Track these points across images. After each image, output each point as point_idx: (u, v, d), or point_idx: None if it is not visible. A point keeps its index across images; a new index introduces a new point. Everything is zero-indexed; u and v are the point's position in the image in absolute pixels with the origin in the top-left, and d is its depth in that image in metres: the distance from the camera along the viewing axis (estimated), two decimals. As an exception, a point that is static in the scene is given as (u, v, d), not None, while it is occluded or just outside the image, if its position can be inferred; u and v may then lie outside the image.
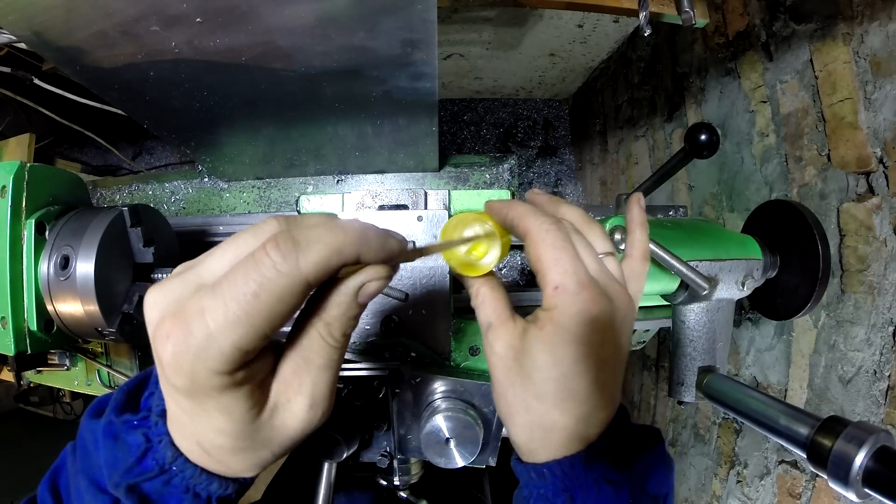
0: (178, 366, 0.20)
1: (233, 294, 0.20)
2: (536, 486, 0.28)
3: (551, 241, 0.27)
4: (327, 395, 0.25)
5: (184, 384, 0.21)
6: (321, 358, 0.24)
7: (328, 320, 0.23)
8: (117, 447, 0.25)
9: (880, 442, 0.34)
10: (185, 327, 0.20)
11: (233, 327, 0.19)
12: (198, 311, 0.20)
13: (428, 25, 0.38)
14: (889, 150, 0.71)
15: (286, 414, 0.24)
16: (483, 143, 2.18)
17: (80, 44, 0.39)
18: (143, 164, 1.82)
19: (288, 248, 0.20)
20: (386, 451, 0.54)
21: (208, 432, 0.23)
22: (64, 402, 1.80)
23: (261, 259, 0.20)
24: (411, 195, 0.63)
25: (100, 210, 0.47)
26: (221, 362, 0.20)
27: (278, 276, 0.20)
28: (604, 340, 0.27)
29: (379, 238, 0.23)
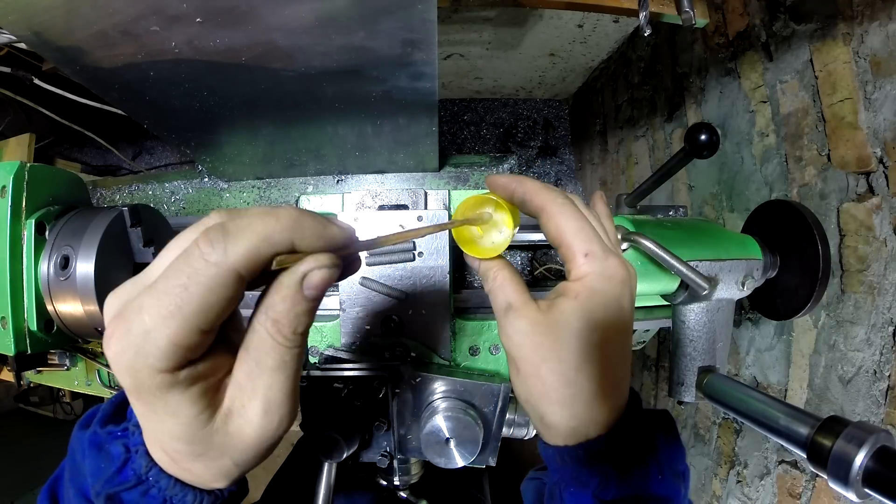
0: (120, 364, 0.20)
1: (165, 288, 0.19)
2: (571, 470, 0.28)
3: (571, 213, 0.28)
4: (283, 400, 0.23)
5: (129, 384, 0.21)
6: (272, 359, 0.22)
7: (275, 317, 0.22)
8: (101, 457, 0.25)
9: (880, 442, 0.34)
10: (125, 325, 0.20)
11: (166, 322, 0.19)
12: (136, 308, 0.20)
13: (428, 25, 0.38)
14: (889, 150, 0.71)
15: (240, 420, 0.22)
16: (483, 143, 2.18)
17: (80, 44, 0.39)
18: (143, 164, 1.82)
19: (216, 238, 0.19)
20: (386, 451, 0.54)
21: (163, 436, 0.22)
22: (64, 402, 1.80)
23: (191, 251, 0.20)
24: (411, 195, 0.63)
25: (100, 210, 0.47)
26: (159, 359, 0.20)
27: (206, 266, 0.19)
28: (629, 305, 0.28)
29: (316, 225, 0.22)
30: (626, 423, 0.28)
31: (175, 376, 0.20)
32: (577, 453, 0.28)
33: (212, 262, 0.19)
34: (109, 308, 0.22)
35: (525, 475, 0.59)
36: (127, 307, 0.20)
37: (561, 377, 0.27)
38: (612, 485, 0.27)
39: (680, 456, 0.30)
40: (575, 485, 0.28)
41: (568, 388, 0.27)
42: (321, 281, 0.22)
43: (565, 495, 0.29)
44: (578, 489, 0.28)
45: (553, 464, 0.30)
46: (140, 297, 0.20)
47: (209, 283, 0.19)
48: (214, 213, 0.22)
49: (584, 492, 0.28)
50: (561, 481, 0.29)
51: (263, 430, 0.23)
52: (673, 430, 0.31)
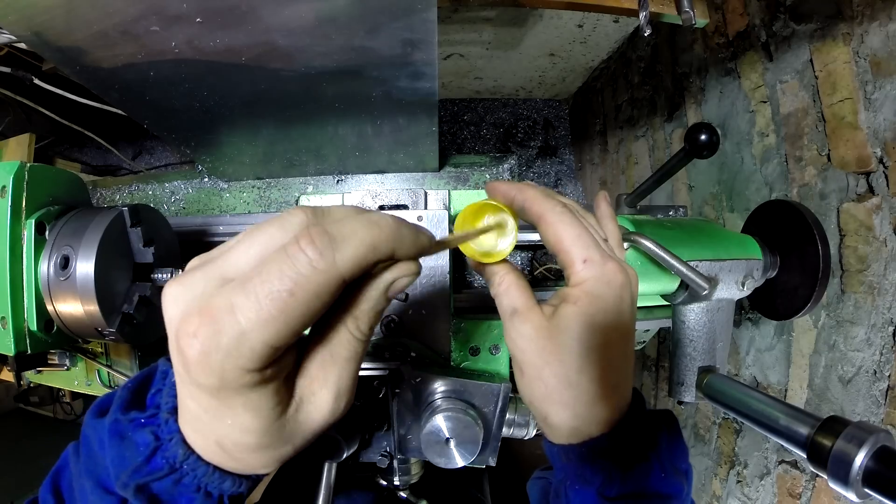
0: (207, 364, 0.19)
1: (267, 291, 0.19)
2: (575, 468, 0.29)
3: (569, 220, 0.28)
4: (351, 386, 0.25)
5: (212, 383, 0.20)
6: (347, 351, 0.24)
7: (357, 315, 0.23)
8: (124, 446, 0.24)
9: (880, 442, 0.34)
10: (215, 325, 0.19)
11: (266, 325, 0.19)
12: (227, 307, 0.19)
13: (428, 25, 0.38)
14: (889, 150, 0.71)
15: (311, 407, 0.23)
16: (483, 143, 2.18)
17: (80, 44, 0.39)
18: (143, 164, 1.82)
19: (324, 244, 0.19)
20: (386, 451, 0.54)
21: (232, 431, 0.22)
22: (64, 402, 1.80)
23: (295, 255, 0.19)
24: (411, 195, 0.63)
25: (100, 210, 0.47)
26: (253, 360, 0.19)
27: (315, 273, 0.19)
28: (630, 308, 0.28)
29: (412, 234, 0.23)
30: (628, 421, 0.29)
31: (263, 374, 0.21)
32: (581, 451, 0.28)
33: (321, 269, 0.19)
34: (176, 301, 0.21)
35: (525, 475, 0.59)
36: (211, 304, 0.19)
37: (563, 380, 0.27)
38: (615, 482, 0.28)
39: (683, 454, 0.31)
40: (579, 482, 0.29)
41: (569, 390, 0.27)
42: (407, 286, 0.24)
43: (570, 493, 0.29)
44: (583, 486, 0.28)
45: (557, 462, 0.30)
46: (230, 295, 0.19)
47: (317, 289, 0.19)
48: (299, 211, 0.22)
49: (589, 489, 0.28)
50: (566, 479, 0.29)
51: (332, 414, 0.24)
52: (676, 429, 0.31)
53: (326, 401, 0.24)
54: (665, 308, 0.64)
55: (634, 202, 0.66)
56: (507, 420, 0.53)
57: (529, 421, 0.55)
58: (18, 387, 1.55)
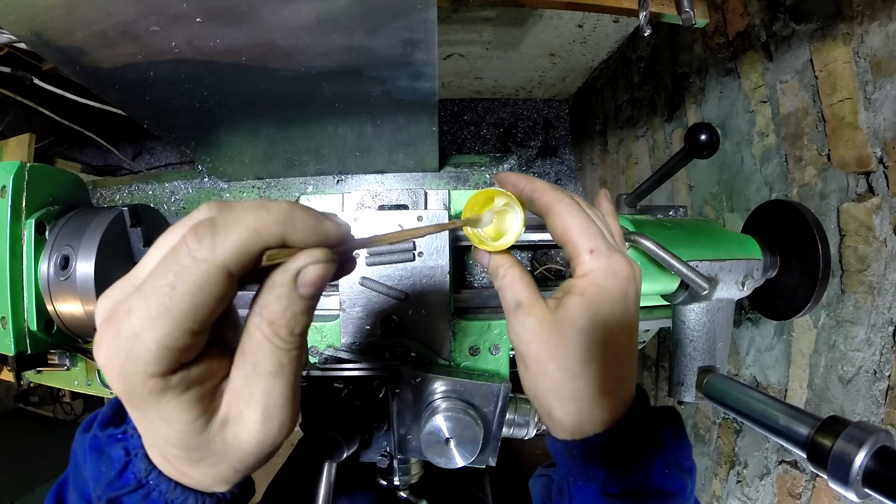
0: (112, 370, 0.19)
1: (152, 288, 0.18)
2: (578, 464, 0.29)
3: (576, 212, 0.28)
4: (283, 405, 0.22)
5: (121, 389, 0.20)
6: (269, 363, 0.21)
7: (270, 318, 0.21)
8: (101, 461, 0.25)
9: (880, 442, 0.34)
10: (115, 329, 0.19)
11: (155, 323, 0.18)
12: (125, 310, 0.19)
13: (428, 25, 0.38)
14: (889, 150, 0.71)
15: (237, 427, 0.22)
16: (483, 143, 2.18)
17: (80, 44, 0.39)
18: (143, 164, 1.82)
19: (204, 234, 0.19)
20: (386, 451, 0.54)
21: (159, 441, 0.22)
22: (64, 402, 1.80)
23: (178, 248, 0.19)
24: (411, 195, 0.63)
25: (100, 210, 0.47)
26: (149, 363, 0.19)
27: (194, 263, 0.18)
28: (634, 302, 0.28)
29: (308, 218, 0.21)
30: (632, 417, 0.29)
31: (167, 381, 0.20)
32: (584, 447, 0.28)
33: (199, 258, 0.18)
34: (100, 310, 0.20)
35: (526, 475, 0.59)
36: (116, 309, 0.19)
37: (567, 373, 0.27)
38: (618, 479, 0.27)
39: (686, 452, 0.30)
40: (582, 479, 0.28)
41: (574, 384, 0.27)
42: (316, 277, 0.21)
43: (573, 489, 0.29)
44: (586, 483, 0.28)
45: (560, 458, 0.30)
46: (128, 299, 0.19)
47: (198, 280, 0.18)
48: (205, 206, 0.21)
49: (591, 486, 0.28)
50: (569, 475, 0.29)
51: (263, 437, 0.22)
52: (679, 426, 0.31)
53: (254, 420, 0.21)
54: (665, 308, 0.64)
55: (634, 202, 0.66)
56: (507, 420, 0.53)
57: (529, 421, 0.55)
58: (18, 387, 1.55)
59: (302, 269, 0.20)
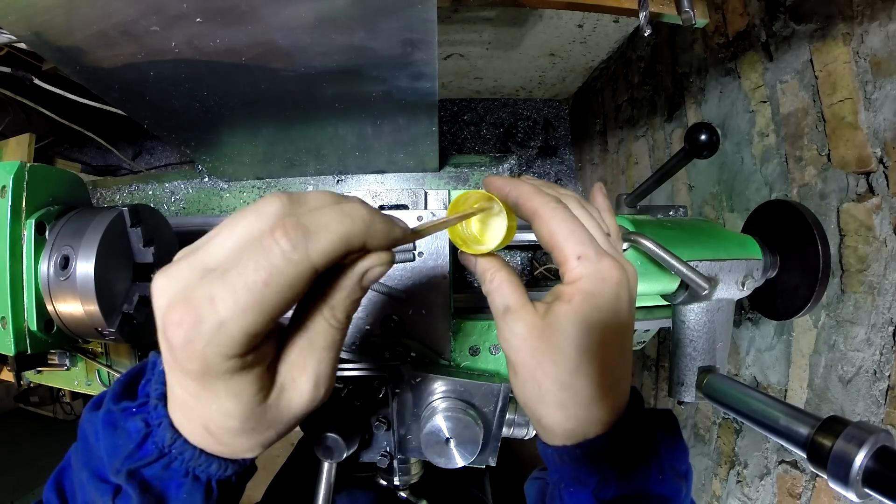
0: (191, 351, 0.20)
1: (243, 282, 0.20)
2: (570, 469, 0.28)
3: (563, 217, 0.28)
4: (329, 374, 0.25)
5: (196, 368, 0.21)
6: (325, 340, 0.24)
7: (332, 304, 0.24)
8: (117, 435, 0.25)
9: (880, 442, 0.34)
10: (196, 314, 0.20)
11: (243, 314, 0.20)
12: (207, 298, 0.20)
13: (428, 25, 0.38)
14: (889, 150, 0.71)
15: (292, 394, 0.24)
16: (483, 143, 2.18)
17: (80, 44, 0.39)
18: (143, 164, 1.82)
19: (298, 236, 0.20)
20: (386, 451, 0.54)
21: (217, 415, 0.23)
22: (64, 402, 1.80)
23: (270, 247, 0.20)
24: (411, 195, 0.63)
25: (100, 210, 0.47)
26: (233, 347, 0.20)
27: (289, 264, 0.20)
28: (627, 306, 0.28)
29: (384, 226, 0.23)
30: (625, 422, 0.28)
31: (245, 360, 0.21)
32: (576, 453, 0.28)
33: (295, 260, 0.20)
34: (162, 292, 0.21)
35: (525, 474, 0.59)
36: (193, 295, 0.20)
37: (556, 381, 0.27)
38: (611, 484, 0.27)
39: (682, 456, 0.30)
40: (574, 484, 0.28)
41: (563, 392, 0.27)
42: (379, 275, 0.24)
43: (565, 495, 0.29)
44: (578, 489, 0.28)
45: (552, 464, 0.29)
46: (209, 287, 0.20)
47: (291, 280, 0.20)
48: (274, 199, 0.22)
49: (584, 491, 0.28)
50: (561, 481, 0.29)
51: (311, 401, 0.25)
52: (675, 429, 0.31)
53: (307, 387, 0.24)
54: (665, 308, 0.64)
55: (634, 202, 0.66)
56: (507, 420, 0.53)
57: (529, 421, 0.55)
58: (18, 387, 1.55)
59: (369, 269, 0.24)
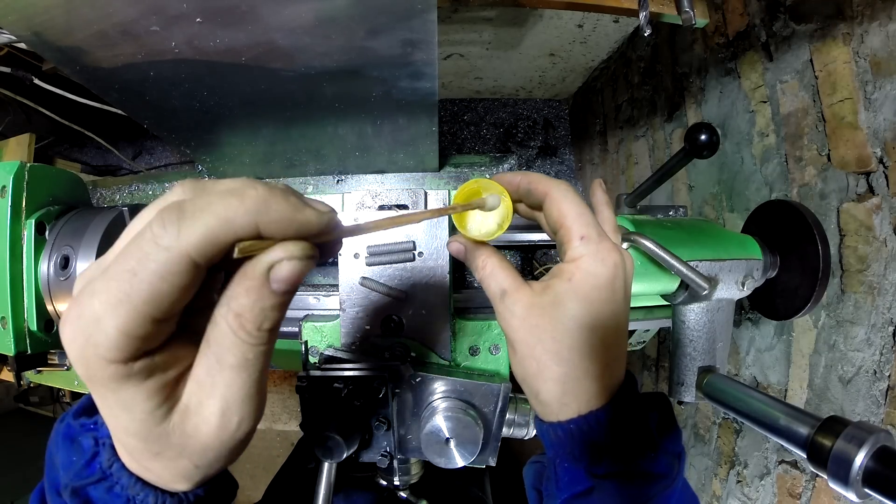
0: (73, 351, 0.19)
1: (115, 273, 0.18)
2: (563, 445, 0.29)
3: (573, 199, 0.29)
4: (243, 400, 0.21)
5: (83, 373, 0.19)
6: (233, 356, 0.20)
7: (238, 310, 0.20)
8: (73, 449, 0.24)
9: (880, 442, 0.34)
10: (78, 309, 0.18)
11: (115, 309, 0.18)
12: (89, 293, 0.18)
13: (428, 25, 0.38)
14: (889, 150, 0.71)
15: (197, 419, 0.21)
16: (483, 143, 2.18)
17: (80, 44, 0.39)
18: (143, 164, 1.82)
19: (170, 220, 0.18)
20: (386, 451, 0.54)
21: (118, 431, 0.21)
22: (64, 402, 1.80)
23: (143, 233, 0.18)
24: (411, 195, 0.63)
25: (100, 210, 0.47)
26: (109, 349, 0.18)
27: (156, 250, 0.17)
28: (623, 289, 0.29)
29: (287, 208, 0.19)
30: (619, 401, 0.29)
31: (128, 368, 0.19)
32: (570, 429, 0.28)
33: (163, 245, 0.17)
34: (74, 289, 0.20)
35: (525, 475, 0.59)
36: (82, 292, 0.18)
37: (554, 356, 0.28)
38: (603, 460, 0.28)
39: (674, 437, 0.31)
40: (569, 459, 0.29)
41: (561, 367, 0.28)
42: (290, 274, 0.19)
43: (559, 470, 0.30)
44: (572, 464, 0.29)
45: (548, 439, 0.30)
46: (94, 281, 0.18)
47: (159, 269, 0.17)
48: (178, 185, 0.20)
49: (578, 466, 0.29)
50: (556, 457, 0.30)
51: (221, 432, 0.21)
52: (668, 411, 0.32)
53: (213, 413, 0.21)
54: (665, 308, 0.64)
55: (634, 202, 0.66)
56: (507, 420, 0.53)
57: (529, 421, 0.55)
58: (18, 387, 1.55)
59: (276, 264, 0.19)
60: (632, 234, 0.48)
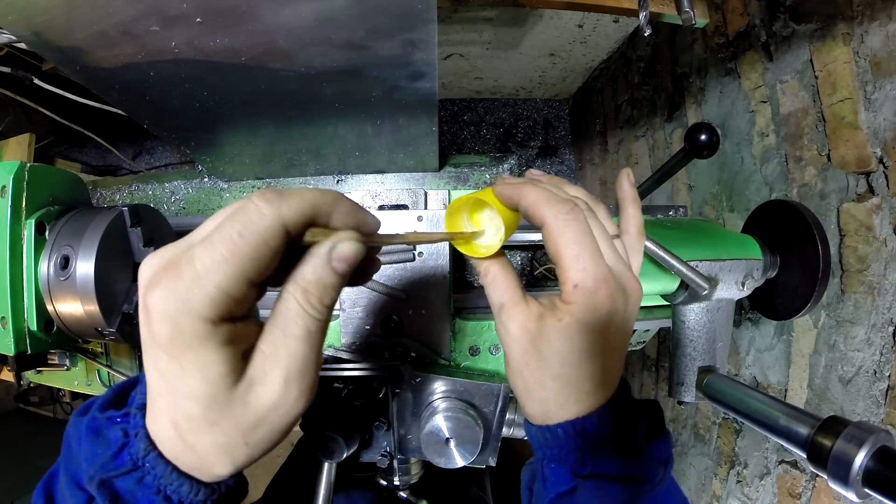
0: (165, 312, 0.21)
1: (220, 237, 0.21)
2: (550, 447, 0.30)
3: (570, 236, 0.28)
4: (304, 371, 0.24)
5: (167, 332, 0.21)
6: (298, 327, 0.23)
7: (304, 284, 0.23)
8: (98, 442, 0.25)
9: (880, 442, 0.34)
10: (175, 273, 0.21)
11: (219, 267, 0.21)
12: (188, 258, 0.21)
13: (428, 25, 0.38)
14: (889, 150, 0.71)
15: (260, 388, 0.23)
16: (483, 143, 2.18)
17: (80, 44, 0.39)
18: (143, 164, 1.82)
19: (272, 197, 0.22)
20: (386, 451, 0.54)
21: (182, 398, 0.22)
22: (64, 402, 1.80)
23: (245, 205, 0.22)
24: (411, 195, 0.63)
25: (100, 210, 0.47)
26: (206, 305, 0.21)
27: (261, 217, 0.21)
28: (617, 330, 0.29)
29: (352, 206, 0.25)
30: (605, 412, 0.29)
31: (216, 328, 0.21)
32: (557, 432, 0.29)
33: (266, 213, 0.21)
34: (148, 267, 0.22)
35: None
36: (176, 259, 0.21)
37: (539, 382, 0.29)
38: (587, 462, 0.29)
39: (662, 444, 0.31)
40: (555, 462, 0.30)
41: (545, 392, 0.29)
42: (349, 253, 0.24)
43: (546, 471, 0.30)
44: (558, 465, 0.30)
45: (535, 441, 0.31)
46: (192, 249, 0.21)
47: (263, 232, 0.21)
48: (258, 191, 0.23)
49: (563, 467, 0.29)
50: (543, 458, 0.31)
51: (281, 401, 0.23)
52: (658, 419, 0.32)
53: (276, 382, 0.23)
54: (665, 308, 0.64)
55: (634, 202, 0.66)
56: (507, 420, 0.53)
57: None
58: (18, 387, 1.56)
59: (337, 244, 0.24)
60: (632, 234, 0.48)
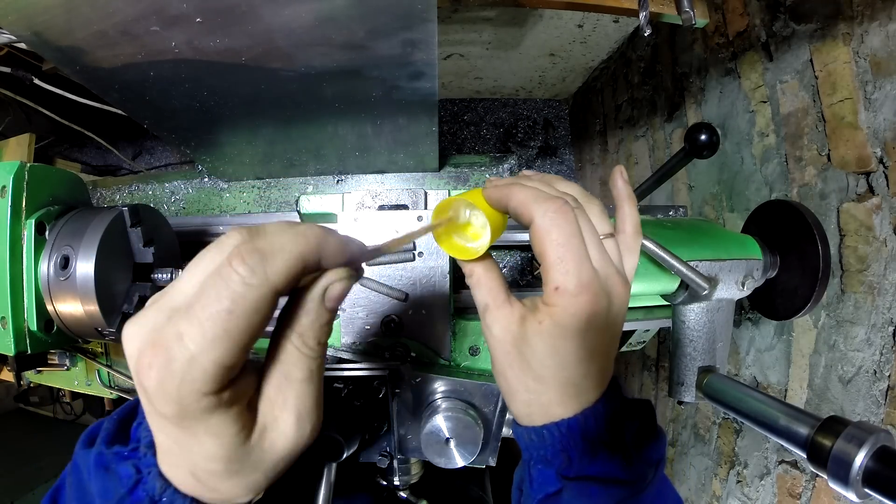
0: (165, 393, 0.20)
1: (207, 314, 0.20)
2: (536, 448, 0.30)
3: (556, 237, 0.27)
4: (312, 408, 0.24)
5: (172, 410, 0.21)
6: (300, 371, 0.23)
7: (300, 330, 0.23)
8: (109, 478, 0.25)
9: (880, 442, 0.34)
10: (166, 354, 0.20)
11: (212, 346, 0.20)
12: (176, 336, 0.20)
13: (428, 25, 0.38)
14: (889, 150, 0.71)
15: (274, 433, 0.23)
16: (483, 143, 2.18)
17: (80, 44, 0.39)
18: (143, 164, 1.82)
19: (255, 261, 0.20)
20: (386, 451, 0.54)
21: (199, 459, 0.22)
22: (64, 402, 1.80)
23: (229, 275, 0.20)
24: (411, 195, 0.63)
25: (100, 210, 0.47)
26: (206, 382, 0.20)
27: (248, 289, 0.20)
28: (600, 333, 0.28)
29: (338, 243, 0.23)
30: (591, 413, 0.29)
31: (220, 397, 0.21)
32: (543, 433, 0.29)
33: (255, 284, 0.20)
34: (133, 337, 0.21)
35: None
36: (162, 335, 0.20)
37: (522, 384, 0.29)
38: (572, 465, 0.29)
39: (653, 446, 0.31)
40: (541, 463, 0.30)
41: (528, 394, 0.29)
42: (340, 293, 0.24)
43: (533, 472, 0.30)
44: (545, 467, 0.30)
45: (522, 441, 0.31)
46: (176, 324, 0.20)
47: (253, 304, 0.20)
48: (234, 231, 0.22)
49: (549, 469, 0.29)
50: (530, 459, 0.31)
51: (297, 439, 0.24)
52: (649, 420, 0.32)
53: (289, 425, 0.24)
54: (665, 308, 0.64)
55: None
56: (507, 420, 0.53)
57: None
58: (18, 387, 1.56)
59: (329, 287, 0.23)
60: (632, 234, 0.48)
